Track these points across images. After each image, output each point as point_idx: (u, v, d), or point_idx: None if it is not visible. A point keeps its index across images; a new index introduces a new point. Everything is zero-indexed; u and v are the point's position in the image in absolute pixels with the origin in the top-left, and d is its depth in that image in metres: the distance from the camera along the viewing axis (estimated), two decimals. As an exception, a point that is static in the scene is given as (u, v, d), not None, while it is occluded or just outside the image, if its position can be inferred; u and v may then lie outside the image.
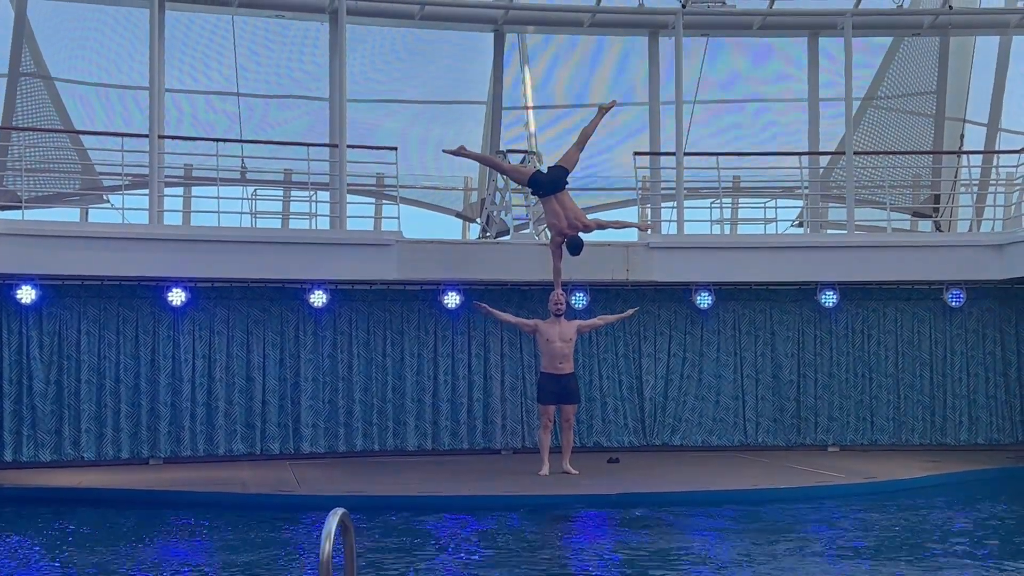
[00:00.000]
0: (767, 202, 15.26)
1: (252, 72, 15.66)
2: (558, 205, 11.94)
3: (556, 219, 11.93)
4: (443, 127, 16.61)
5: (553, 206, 11.96)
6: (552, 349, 11.94)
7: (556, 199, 11.96)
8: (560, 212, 11.90)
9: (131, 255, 12.47)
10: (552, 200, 11.97)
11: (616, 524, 9.92)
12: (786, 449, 14.32)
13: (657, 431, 14.36)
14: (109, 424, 13.08)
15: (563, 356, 11.94)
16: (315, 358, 13.69)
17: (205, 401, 13.34)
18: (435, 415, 13.96)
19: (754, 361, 14.48)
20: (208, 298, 13.38)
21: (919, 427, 14.57)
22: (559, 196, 11.98)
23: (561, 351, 11.93)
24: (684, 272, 13.75)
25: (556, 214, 11.92)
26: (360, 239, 13.17)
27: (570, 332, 12.03)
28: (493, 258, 13.44)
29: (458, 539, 9.31)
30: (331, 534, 4.48)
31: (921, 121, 16.27)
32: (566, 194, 12.06)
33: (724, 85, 16.46)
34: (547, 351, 12.00)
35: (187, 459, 13.20)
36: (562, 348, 11.94)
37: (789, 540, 8.94)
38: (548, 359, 12.01)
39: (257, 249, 12.79)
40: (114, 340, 13.13)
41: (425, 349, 13.95)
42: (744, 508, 10.46)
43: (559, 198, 11.98)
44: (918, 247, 14.07)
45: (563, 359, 11.95)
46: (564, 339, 11.96)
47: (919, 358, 14.60)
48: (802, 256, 13.81)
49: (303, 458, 13.49)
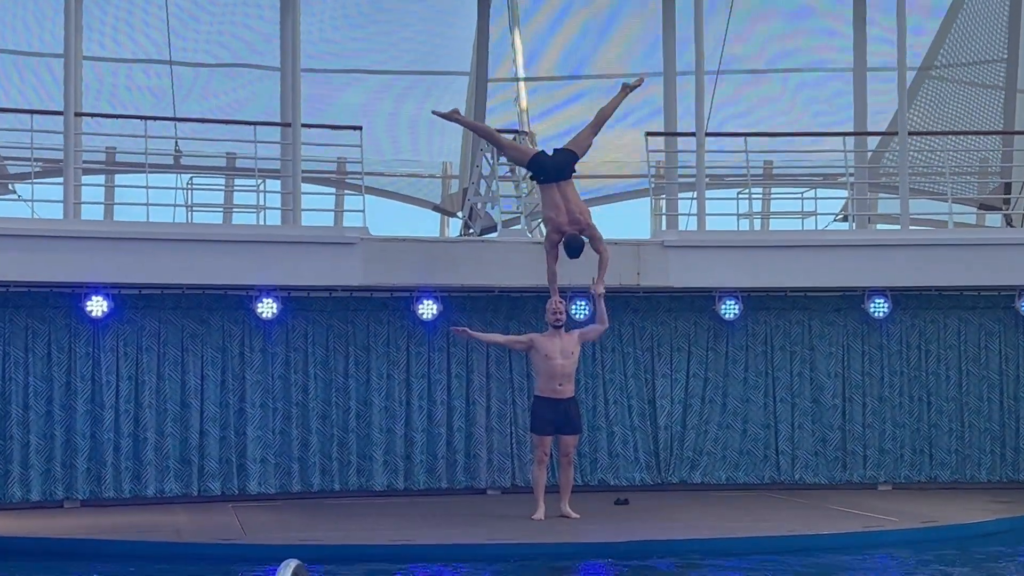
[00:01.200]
0: (805, 192, 15.29)
1: (187, 37, 15.65)
2: (560, 196, 11.94)
3: (555, 213, 11.93)
4: (417, 102, 16.62)
5: (554, 197, 11.96)
6: (551, 367, 11.94)
7: (559, 188, 11.97)
8: (561, 205, 11.90)
9: (42, 256, 12.42)
10: (554, 189, 11.98)
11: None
12: (828, 488, 14.33)
13: (674, 466, 14.37)
14: (16, 460, 13.01)
15: (564, 376, 11.94)
16: (264, 380, 13.66)
17: (131, 432, 13.30)
18: (408, 448, 13.94)
19: (789, 383, 14.50)
20: (135, 308, 13.35)
21: (986, 461, 14.59)
22: (562, 185, 11.98)
23: (562, 369, 11.93)
24: (706, 276, 13.76)
25: (556, 207, 11.92)
26: (318, 236, 13.15)
27: (572, 346, 12.03)
28: (477, 259, 13.43)
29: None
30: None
31: (988, 95, 16.32)
32: (571, 184, 12.06)
33: (754, 53, 16.50)
34: (545, 370, 12.00)
35: (110, 502, 13.14)
36: (563, 366, 11.93)
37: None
38: (545, 380, 12.01)
39: (194, 249, 12.76)
40: (21, 358, 13.08)
41: (396, 368, 13.93)
42: (777, 559, 10.44)
43: (562, 188, 11.98)
44: (985, 245, 14.09)
45: (564, 379, 11.95)
46: (566, 355, 11.96)
47: (987, 378, 14.62)
48: (847, 257, 13.83)
49: (249, 500, 13.45)
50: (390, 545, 10.72)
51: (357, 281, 13.12)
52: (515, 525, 11.63)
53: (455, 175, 16.72)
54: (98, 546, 10.83)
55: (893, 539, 11.20)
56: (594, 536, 11.07)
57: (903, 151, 14.24)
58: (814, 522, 11.83)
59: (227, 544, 10.76)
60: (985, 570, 10.07)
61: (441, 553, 10.54)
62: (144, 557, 10.48)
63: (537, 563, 10.40)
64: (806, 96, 16.85)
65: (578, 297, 13.63)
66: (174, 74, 15.28)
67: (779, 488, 14.30)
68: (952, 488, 14.39)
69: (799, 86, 16.89)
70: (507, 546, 10.72)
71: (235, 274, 12.90)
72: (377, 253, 13.08)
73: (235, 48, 15.88)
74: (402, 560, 10.31)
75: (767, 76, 16.78)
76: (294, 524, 11.84)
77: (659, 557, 10.44)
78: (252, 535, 11.18)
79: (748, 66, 16.52)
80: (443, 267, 13.30)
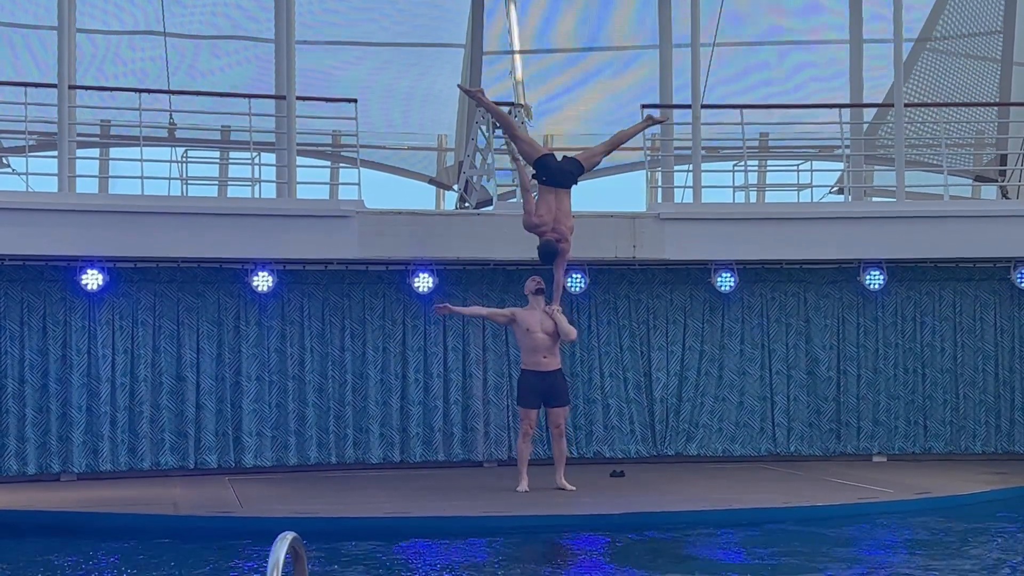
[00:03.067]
0: (800, 164, 15.28)
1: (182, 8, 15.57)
2: (554, 201, 12.00)
3: (545, 212, 11.96)
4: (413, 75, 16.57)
5: (549, 199, 11.99)
6: (533, 341, 11.97)
7: (555, 194, 12.01)
8: (552, 209, 11.94)
9: (37, 230, 12.42)
10: (551, 192, 12.00)
11: (621, 550, 9.93)
12: (823, 459, 14.38)
13: (669, 439, 14.40)
14: (12, 434, 13.02)
15: (547, 348, 11.97)
16: (259, 353, 13.66)
17: (127, 405, 13.31)
18: (404, 421, 13.95)
19: (785, 355, 14.51)
20: (130, 281, 13.34)
21: (981, 432, 14.63)
22: (559, 193, 12.03)
23: (543, 343, 11.96)
24: (702, 249, 13.76)
25: (548, 209, 11.95)
26: (313, 210, 13.14)
27: (550, 323, 12.04)
28: (473, 232, 13.42)
29: (432, 569, 9.31)
30: (279, 564, 4.47)
31: (985, 67, 16.29)
32: (568, 195, 12.12)
33: (747, 22, 16.43)
34: (527, 343, 12.03)
35: (106, 475, 13.17)
36: (544, 339, 11.96)
37: (826, 568, 8.97)
38: (529, 353, 12.04)
39: (189, 222, 12.75)
40: (17, 332, 13.08)
41: (392, 342, 13.93)
42: (773, 530, 10.49)
43: (559, 194, 12.03)
44: (981, 217, 14.10)
45: (547, 352, 11.98)
46: (547, 328, 11.99)
47: (982, 350, 14.65)
48: (842, 229, 13.83)
49: (245, 473, 13.47)
50: (387, 517, 10.75)
51: (353, 254, 13.11)
52: (512, 498, 11.66)
53: (451, 148, 16.68)
54: (95, 519, 10.84)
55: (888, 510, 11.24)
56: (590, 508, 11.10)
57: (899, 123, 14.21)
58: (809, 493, 11.87)
59: (224, 517, 10.78)
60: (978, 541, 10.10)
61: (438, 526, 10.57)
62: (141, 530, 10.48)
63: (534, 535, 10.42)
64: (800, 65, 16.80)
65: (574, 270, 13.62)
66: (169, 46, 15.21)
67: (774, 460, 14.34)
68: (947, 459, 14.43)
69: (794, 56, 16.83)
70: (504, 518, 10.75)
71: (230, 247, 12.89)
72: (373, 226, 13.06)
73: (231, 18, 15.81)
74: (399, 533, 10.34)
75: (763, 47, 16.73)
76: (291, 497, 11.87)
77: (655, 529, 10.47)
78: (249, 508, 11.20)
79: (743, 37, 16.46)
80: (439, 240, 13.29)
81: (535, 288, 12.11)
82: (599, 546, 10.21)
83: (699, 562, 9.52)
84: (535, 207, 11.99)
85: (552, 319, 11.97)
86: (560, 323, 11.99)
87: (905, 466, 13.98)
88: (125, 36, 15.50)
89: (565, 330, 12.01)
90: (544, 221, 11.96)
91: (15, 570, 9.27)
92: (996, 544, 10.04)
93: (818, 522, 10.76)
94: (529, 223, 12.03)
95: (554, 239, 11.93)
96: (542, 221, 11.96)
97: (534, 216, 11.97)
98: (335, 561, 9.28)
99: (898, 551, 9.90)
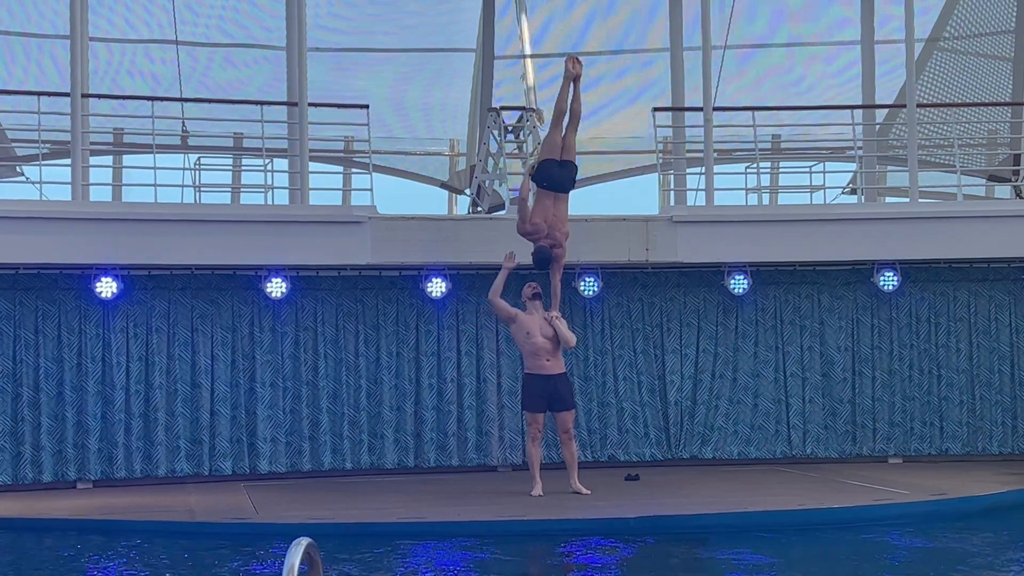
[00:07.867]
0: (813, 165, 15.24)
1: (194, 17, 15.61)
2: (552, 205, 11.98)
3: (542, 218, 11.94)
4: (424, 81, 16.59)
5: (547, 203, 11.97)
6: (533, 345, 11.97)
7: (553, 199, 12.00)
8: (549, 214, 11.92)
9: (51, 238, 12.44)
10: (550, 197, 11.98)
11: (636, 553, 9.91)
12: (839, 461, 14.33)
13: (684, 442, 14.37)
14: (27, 442, 13.05)
15: (548, 352, 11.97)
16: (274, 359, 13.67)
17: (142, 412, 13.32)
18: (418, 426, 13.95)
19: (799, 357, 14.48)
20: (144, 288, 13.36)
21: (997, 433, 14.57)
22: (558, 197, 12.03)
23: (544, 346, 11.95)
24: (715, 251, 13.74)
25: (544, 214, 11.92)
26: (326, 216, 13.14)
27: (548, 327, 12.02)
28: (486, 237, 13.40)
29: (448, 573, 9.30)
30: (294, 569, 4.47)
31: (998, 66, 16.24)
32: (566, 199, 12.10)
33: (760, 25, 16.43)
34: (528, 347, 12.04)
35: (121, 482, 13.19)
36: (545, 343, 11.96)
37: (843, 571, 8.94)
38: (531, 357, 12.04)
39: (202, 229, 12.76)
40: (32, 340, 13.10)
41: (405, 347, 13.93)
42: (788, 534, 10.46)
43: (557, 199, 12.02)
44: (995, 217, 14.04)
45: (549, 355, 11.98)
46: (546, 333, 11.98)
47: (997, 350, 14.60)
48: (856, 230, 13.79)
49: (261, 479, 13.48)
50: (401, 522, 10.74)
51: (366, 260, 13.12)
52: (526, 502, 11.65)
53: (463, 153, 16.69)
54: (111, 526, 10.88)
55: (904, 512, 11.19)
56: (605, 512, 11.08)
57: (912, 123, 14.17)
58: (825, 496, 11.83)
59: (240, 523, 10.79)
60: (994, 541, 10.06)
61: (452, 530, 10.57)
62: (157, 536, 10.53)
63: (549, 539, 10.41)
64: (813, 68, 16.78)
65: (586, 274, 13.62)
66: (181, 54, 15.25)
67: (790, 462, 14.30)
68: (963, 461, 14.38)
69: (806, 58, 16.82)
70: (518, 522, 10.75)
71: (244, 254, 12.90)
72: (385, 231, 13.07)
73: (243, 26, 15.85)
74: (413, 537, 10.34)
75: (775, 49, 16.71)
76: (305, 503, 11.87)
77: (671, 532, 10.45)
78: (264, 514, 11.21)
79: (755, 40, 16.45)
80: (451, 245, 13.29)
81: (531, 293, 12.12)
82: (614, 550, 10.19)
83: (716, 565, 9.49)
84: (530, 213, 11.97)
85: (551, 325, 11.96)
86: (559, 329, 11.98)
87: (921, 468, 13.92)
88: (141, 45, 15.54)
89: (564, 336, 12.00)
90: (538, 228, 11.95)
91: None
92: (1014, 545, 10.00)
93: (833, 525, 10.73)
94: (522, 230, 12.03)
95: (548, 245, 11.93)
96: (536, 228, 11.96)
97: (527, 223, 11.96)
98: (350, 566, 9.28)
99: (915, 553, 9.86)
